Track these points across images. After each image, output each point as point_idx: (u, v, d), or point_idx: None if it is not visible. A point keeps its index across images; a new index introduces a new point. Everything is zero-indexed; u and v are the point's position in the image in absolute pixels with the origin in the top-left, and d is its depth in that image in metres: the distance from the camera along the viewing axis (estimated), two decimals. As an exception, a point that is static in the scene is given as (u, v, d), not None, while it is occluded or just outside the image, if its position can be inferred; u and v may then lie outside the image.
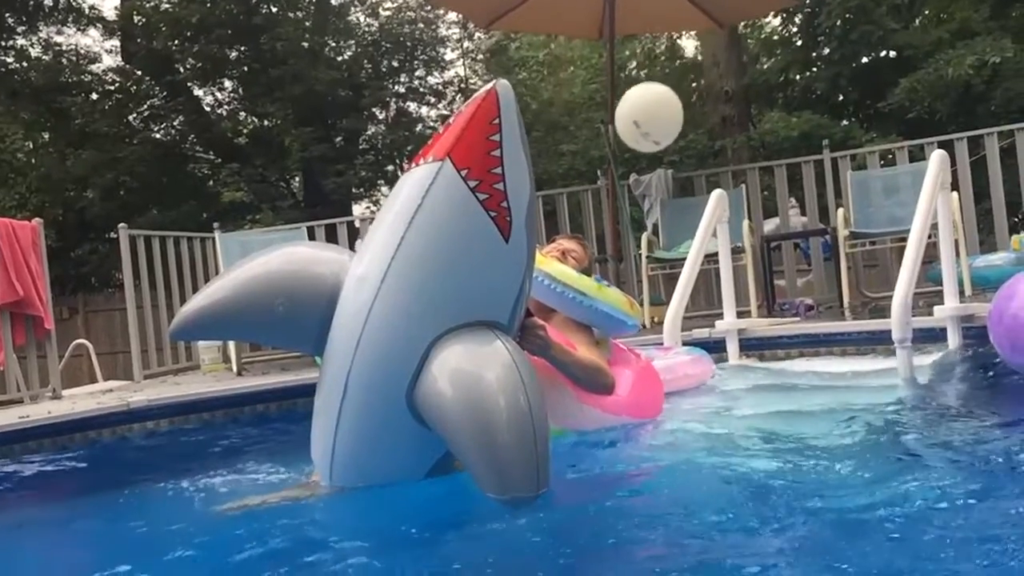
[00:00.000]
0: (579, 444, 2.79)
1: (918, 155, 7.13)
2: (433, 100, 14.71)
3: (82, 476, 3.51)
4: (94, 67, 14.15)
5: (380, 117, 14.43)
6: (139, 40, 13.58)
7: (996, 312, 3.47)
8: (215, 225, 7.31)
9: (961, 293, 4.78)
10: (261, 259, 2.46)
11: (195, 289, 7.12)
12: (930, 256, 4.85)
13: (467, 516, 2.27)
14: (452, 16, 13.86)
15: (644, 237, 6.98)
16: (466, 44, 14.80)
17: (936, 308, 4.12)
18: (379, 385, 2.22)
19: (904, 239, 5.95)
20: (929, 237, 4.34)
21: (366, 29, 14.26)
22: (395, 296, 2.19)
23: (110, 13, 14.29)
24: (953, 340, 4.06)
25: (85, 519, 2.84)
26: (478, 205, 2.16)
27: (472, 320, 2.20)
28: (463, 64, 14.90)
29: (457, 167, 2.15)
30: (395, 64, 14.21)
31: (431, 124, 14.80)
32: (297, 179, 14.31)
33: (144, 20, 13.50)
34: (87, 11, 14.10)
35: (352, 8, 14.57)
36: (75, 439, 4.33)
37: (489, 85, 2.20)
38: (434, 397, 2.13)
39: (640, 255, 6.91)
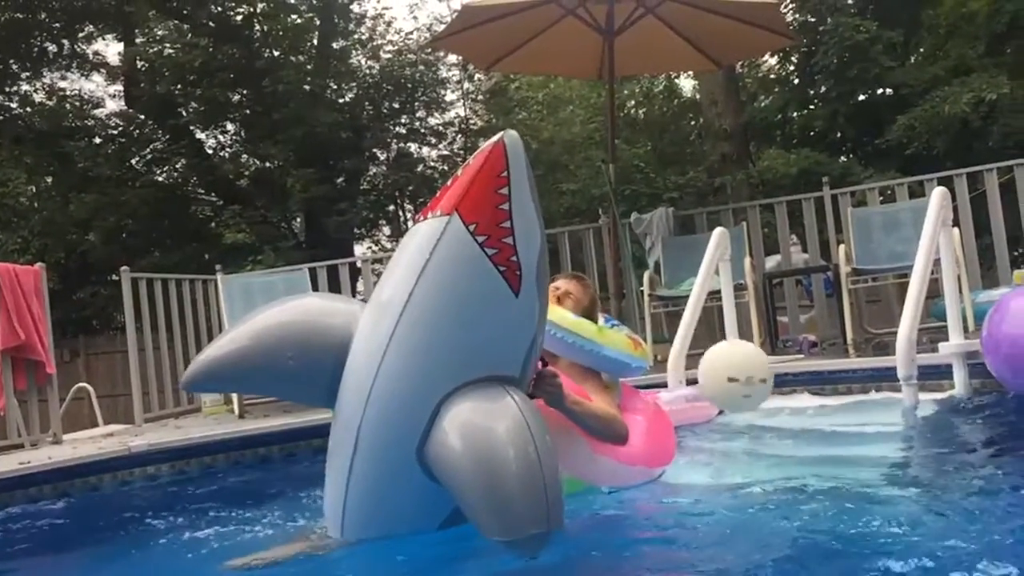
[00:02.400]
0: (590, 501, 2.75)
1: (917, 191, 7.16)
2: (434, 141, 14.81)
3: (83, 524, 3.48)
4: (97, 112, 14.28)
5: (381, 158, 14.51)
6: (142, 84, 13.70)
7: (990, 341, 3.47)
8: (217, 267, 7.32)
9: (965, 328, 4.77)
10: (273, 311, 2.47)
11: (197, 332, 7.13)
12: (932, 292, 4.85)
13: (478, 571, 2.23)
14: (452, 58, 13.99)
15: (646, 275, 7.00)
16: (466, 85, 14.91)
17: (941, 344, 4.11)
18: (390, 441, 2.21)
19: (906, 275, 5.98)
20: (931, 273, 4.35)
21: (367, 71, 14.39)
22: (404, 353, 2.18)
23: (113, 59, 14.46)
24: (959, 376, 4.04)
25: (86, 572, 2.80)
26: (487, 260, 2.14)
27: (483, 375, 2.18)
28: (463, 105, 15.02)
29: (465, 222, 2.13)
30: (396, 105, 14.32)
31: (431, 164, 14.89)
32: (299, 220, 14.36)
33: (147, 65, 13.63)
34: (91, 57, 14.26)
35: (353, 51, 14.71)
36: (76, 485, 4.30)
37: (497, 137, 2.18)
38: (443, 452, 2.12)
39: (642, 293, 6.91)
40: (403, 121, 14.50)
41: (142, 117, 13.98)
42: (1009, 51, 12.10)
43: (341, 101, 14.03)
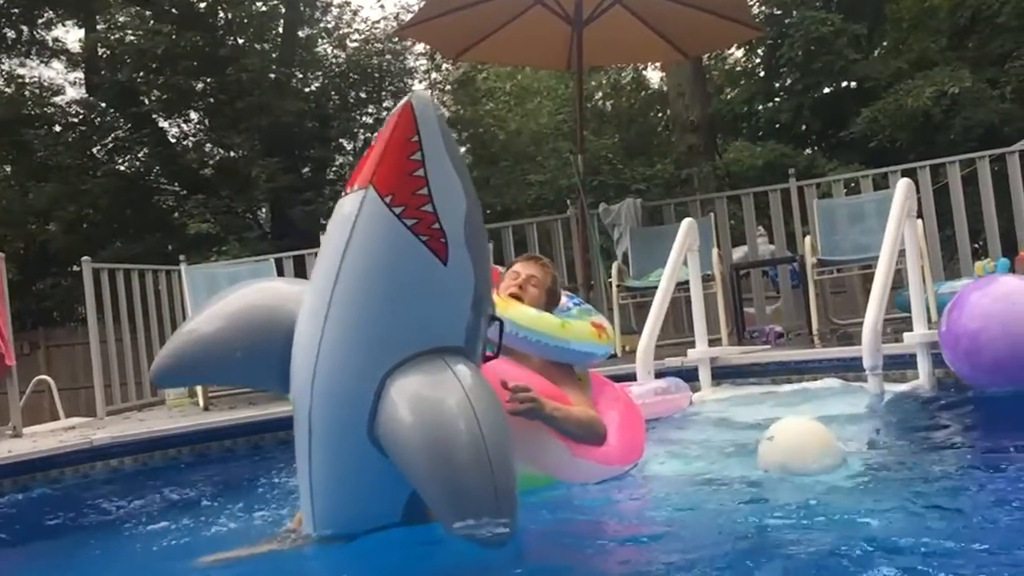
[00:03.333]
0: (563, 496, 2.74)
1: (881, 183, 7.23)
2: (401, 131, 14.71)
3: (44, 519, 3.41)
4: (57, 99, 14.01)
5: (348, 148, 14.40)
6: (103, 72, 13.48)
7: (949, 336, 3.49)
8: (181, 258, 7.22)
9: (928, 319, 4.83)
10: (224, 300, 2.46)
11: (160, 323, 7.03)
12: (896, 283, 4.90)
13: (447, 571, 2.21)
14: (420, 47, 13.91)
15: (614, 266, 7.00)
16: (434, 75, 14.84)
17: (906, 335, 4.15)
18: (339, 421, 2.18)
19: (870, 266, 6.05)
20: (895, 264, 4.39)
21: (333, 60, 14.27)
22: (340, 332, 2.14)
23: (74, 45, 14.20)
24: (923, 367, 4.09)
25: (47, 570, 2.75)
26: (407, 231, 2.07)
27: (425, 348, 2.13)
28: (431, 95, 14.94)
29: (381, 194, 2.06)
30: (363, 95, 14.21)
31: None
32: (264, 210, 14.22)
33: (108, 52, 13.40)
34: (51, 43, 14.00)
35: (319, 40, 14.58)
36: (36, 478, 4.23)
37: (403, 102, 2.08)
38: (388, 429, 2.08)
39: (610, 284, 6.92)
40: (370, 111, 14.40)
41: (103, 105, 13.75)
42: (970, 45, 12.28)
43: (307, 90, 13.91)
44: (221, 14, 13.44)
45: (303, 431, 2.23)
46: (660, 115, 16.75)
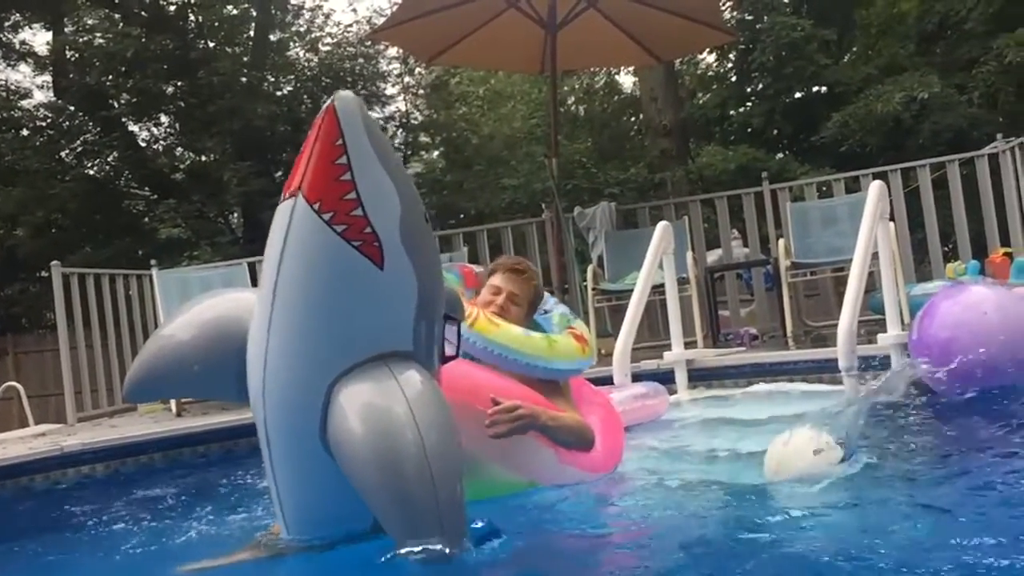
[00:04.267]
0: (544, 499, 2.72)
1: (852, 187, 7.30)
2: (374, 135, 14.67)
3: (12, 528, 3.35)
4: (24, 103, 13.82)
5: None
6: (71, 75, 13.31)
7: (920, 345, 3.50)
8: (152, 262, 7.14)
9: (901, 321, 4.87)
10: (184, 316, 2.45)
11: (132, 329, 6.95)
12: (868, 286, 4.94)
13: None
14: (392, 51, 13.88)
15: (589, 269, 7.02)
16: (407, 79, 14.82)
17: (879, 336, 4.19)
18: (293, 431, 2.15)
19: (843, 269, 6.10)
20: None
21: (305, 64, 14.20)
22: (283, 343, 2.10)
23: (41, 48, 14.01)
24: (896, 367, 4.11)
25: None
26: (337, 238, 2.00)
27: (370, 355, 2.08)
28: (404, 99, 14.92)
29: (309, 201, 2.00)
30: (335, 99, 14.14)
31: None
32: (236, 214, 14.10)
33: (77, 55, 13.25)
34: (17, 46, 13.80)
35: (291, 43, 14.50)
36: (6, 486, 4.15)
37: (327, 103, 2.01)
38: (333, 440, 2.05)
39: (586, 287, 6.93)
40: (343, 115, 14.33)
41: (72, 108, 13.57)
42: (938, 51, 12.43)
43: (279, 94, 13.82)
44: (191, 17, 13.34)
45: (263, 440, 2.22)
46: (633, 119, 16.80)
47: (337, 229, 2.00)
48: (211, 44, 13.34)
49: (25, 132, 13.49)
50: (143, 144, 14.05)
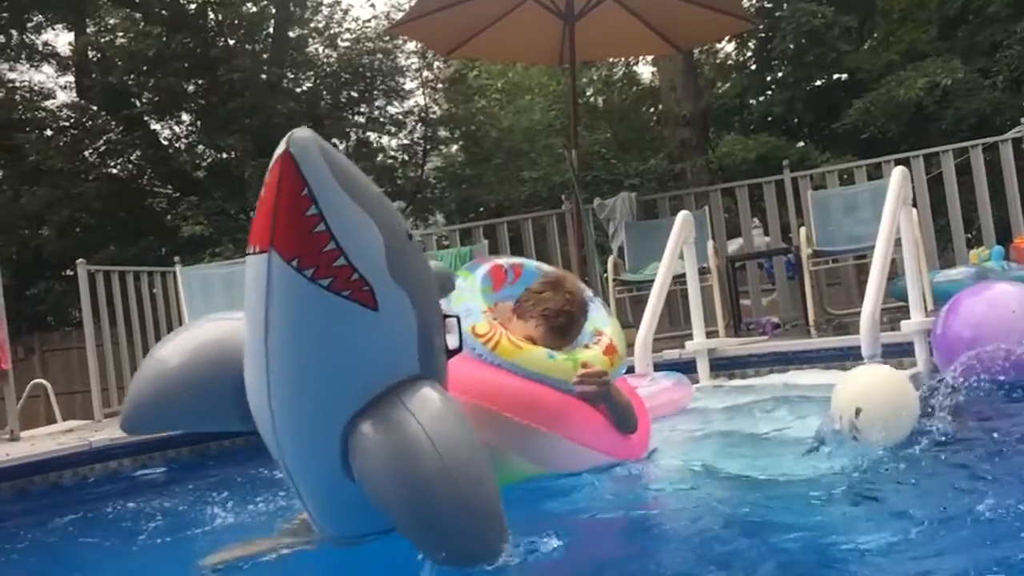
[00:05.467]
0: (562, 485, 2.73)
1: (874, 174, 7.25)
2: (393, 130, 14.72)
3: (45, 522, 3.39)
4: (48, 103, 13.96)
5: (340, 147, 14.38)
6: (94, 75, 13.42)
7: (943, 341, 3.45)
8: (176, 259, 7.20)
9: (924, 308, 4.84)
10: (169, 344, 2.39)
11: (156, 325, 7.02)
12: (890, 273, 4.91)
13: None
14: (411, 46, 13.89)
15: (610, 260, 7.01)
16: (425, 74, 14.82)
17: (903, 323, 4.15)
18: (314, 472, 2.14)
19: (864, 257, 6.06)
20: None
21: (325, 60, 14.24)
22: (287, 398, 2.04)
23: (64, 49, 14.15)
24: (920, 354, 4.09)
25: (50, 570, 2.74)
26: (324, 292, 1.88)
27: (380, 390, 2.01)
28: (423, 93, 14.94)
29: (286, 259, 1.85)
30: (354, 94, 14.20)
31: (392, 153, 14.79)
32: (257, 211, 14.18)
33: (99, 55, 13.36)
34: (41, 47, 13.94)
35: (310, 40, 14.55)
36: (35, 482, 4.21)
37: (281, 147, 1.83)
38: (360, 481, 2.02)
39: (606, 278, 6.93)
40: (362, 110, 14.40)
41: (94, 108, 13.70)
42: (960, 35, 12.30)
43: (298, 90, 13.88)
44: (211, 15, 13.42)
45: (283, 469, 2.20)
46: (652, 110, 16.76)
47: (323, 283, 1.88)
48: (231, 42, 13.42)
49: (49, 132, 13.63)
50: (165, 142, 14.16)
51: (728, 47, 15.23)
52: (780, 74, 13.17)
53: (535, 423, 2.70)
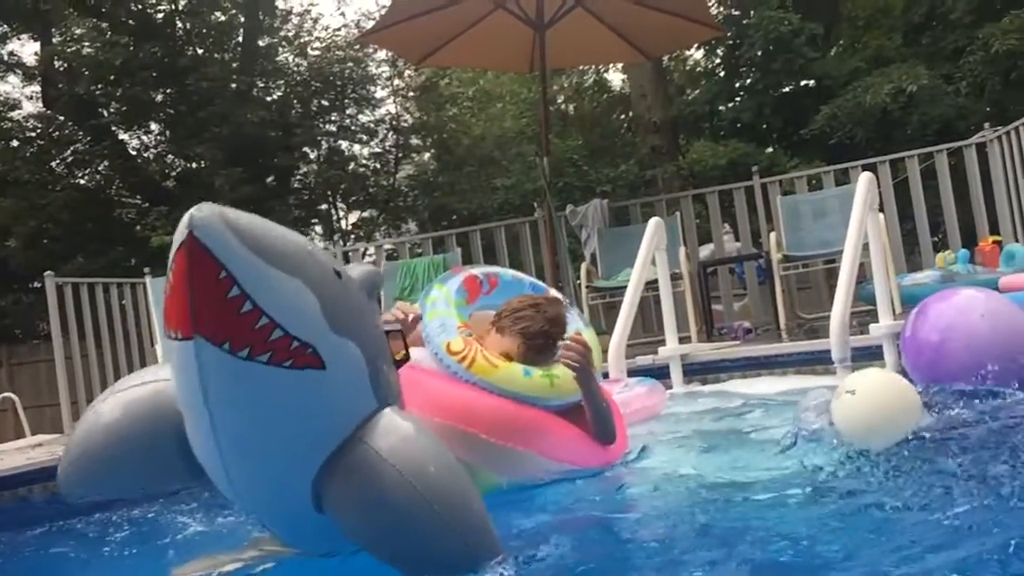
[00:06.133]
0: (539, 492, 2.73)
1: (842, 179, 7.34)
2: (365, 138, 14.70)
3: (14, 537, 3.35)
4: (14, 114, 13.80)
5: (312, 156, 14.34)
6: (60, 85, 13.30)
7: (913, 343, 3.50)
8: (146, 270, 7.14)
9: (893, 311, 4.90)
10: (99, 409, 2.23)
11: (126, 337, 6.95)
12: (859, 276, 4.97)
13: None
14: (381, 54, 13.90)
15: (583, 267, 7.04)
16: (396, 82, 14.83)
17: (872, 327, 4.20)
18: (281, 517, 2.10)
19: (834, 261, 6.13)
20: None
21: (295, 69, 14.21)
22: (245, 472, 1.95)
23: (30, 59, 14.00)
24: (889, 357, 4.14)
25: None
26: (265, 368, 1.76)
27: (342, 436, 1.92)
28: (394, 102, 14.94)
29: (216, 344, 1.72)
30: (325, 103, 14.18)
31: (363, 161, 14.77)
32: (228, 221, 14.08)
33: (66, 65, 13.23)
34: (6, 57, 13.79)
35: (280, 48, 14.51)
36: (4, 496, 4.16)
37: (183, 231, 1.68)
38: (339, 526, 1.97)
39: (579, 285, 6.95)
40: (333, 119, 14.37)
41: (61, 118, 13.57)
42: (925, 42, 12.48)
43: (269, 99, 13.85)
44: (179, 24, 13.35)
45: (245, 510, 2.16)
46: (623, 117, 16.85)
47: (262, 360, 1.75)
48: (200, 51, 13.36)
49: (15, 143, 13.47)
50: (133, 152, 14.06)
51: (697, 54, 15.37)
52: (748, 81, 13.29)
53: (510, 443, 2.69)
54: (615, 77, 17.00)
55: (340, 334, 1.87)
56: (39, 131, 13.66)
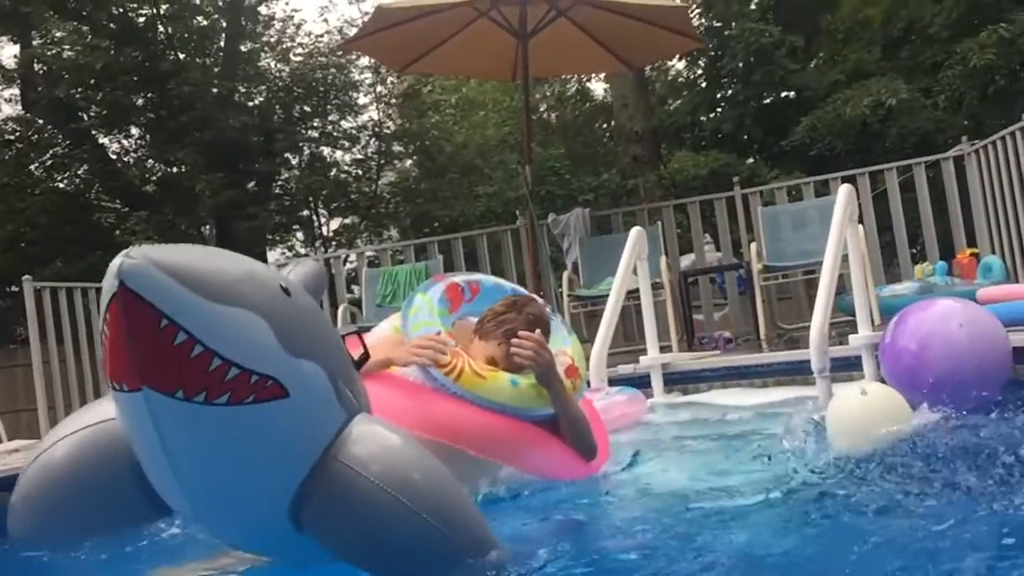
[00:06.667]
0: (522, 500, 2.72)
1: (821, 190, 7.41)
2: (347, 144, 14.66)
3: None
4: (-9, 117, 13.68)
5: (294, 162, 14.29)
6: (40, 88, 13.18)
7: (892, 350, 3.54)
8: (126, 275, 7.08)
9: (871, 322, 4.94)
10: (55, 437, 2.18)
11: (105, 342, 6.88)
12: (838, 288, 5.01)
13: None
14: (364, 61, 13.87)
15: (564, 276, 7.06)
16: (379, 89, 14.80)
17: (851, 337, 4.24)
18: (257, 543, 2.07)
19: (814, 271, 6.18)
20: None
21: (277, 74, 14.16)
22: (215, 510, 1.90)
23: (9, 61, 13.88)
24: (868, 368, 4.18)
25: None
26: (225, 409, 1.67)
27: (315, 457, 1.84)
28: (376, 108, 14.91)
29: (167, 393, 1.63)
30: (307, 109, 14.13)
31: (345, 168, 14.73)
32: (209, 226, 14.02)
33: (45, 68, 13.13)
34: (-16, 59, 13.69)
35: (262, 54, 14.46)
36: (-20, 503, 4.11)
37: (112, 281, 1.59)
38: (329, 552, 1.92)
39: (561, 293, 6.97)
40: (315, 124, 14.32)
41: (40, 122, 13.45)
42: (903, 55, 12.61)
43: (251, 104, 13.77)
44: (161, 29, 13.26)
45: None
46: (605, 126, 16.91)
47: (220, 402, 1.66)
48: (181, 55, 13.28)
49: (-7, 146, 13.35)
50: (113, 156, 13.94)
51: (679, 65, 15.44)
52: (730, 92, 13.37)
53: (495, 457, 2.69)
54: (597, 86, 17.07)
55: (299, 356, 1.77)
56: (18, 134, 13.52)
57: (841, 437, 2.82)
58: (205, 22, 13.82)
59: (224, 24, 14.02)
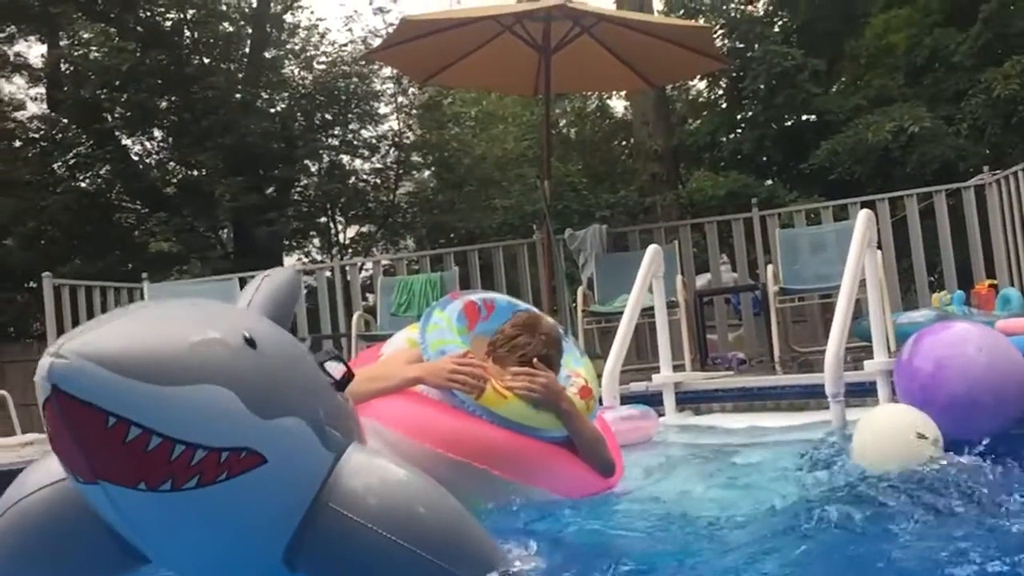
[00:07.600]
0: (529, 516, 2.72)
1: (840, 215, 7.39)
2: (367, 153, 14.73)
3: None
4: (18, 114, 13.81)
5: (313, 169, 14.37)
6: (66, 88, 13.32)
7: (907, 369, 3.52)
8: (143, 275, 7.15)
9: (888, 349, 4.92)
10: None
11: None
12: (855, 313, 4.99)
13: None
14: (387, 71, 13.95)
15: (579, 291, 7.06)
16: (400, 99, 14.88)
17: (866, 363, 4.22)
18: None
19: (830, 296, 6.17)
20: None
21: (300, 82, 14.27)
22: (204, 573, 1.80)
23: (36, 61, 14.03)
24: (883, 393, 4.16)
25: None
26: (198, 492, 1.52)
27: (304, 508, 1.73)
28: (397, 118, 14.99)
29: (129, 486, 1.48)
30: (329, 117, 14.22)
31: (364, 176, 14.81)
32: (227, 230, 14.11)
33: (72, 68, 13.27)
34: (12, 58, 13.81)
35: (286, 61, 14.57)
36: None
37: (44, 386, 1.42)
38: None
39: (575, 309, 6.97)
40: (336, 132, 14.41)
41: (65, 121, 13.58)
42: (927, 83, 12.58)
43: (273, 111, 13.88)
44: (187, 33, 13.40)
45: None
46: (624, 143, 16.93)
47: (190, 487, 1.51)
48: (206, 60, 13.40)
49: (18, 144, 13.48)
50: (135, 158, 14.06)
51: (700, 85, 15.46)
52: (750, 113, 13.37)
53: (516, 477, 2.66)
54: (617, 103, 17.10)
55: (273, 417, 1.60)
56: (42, 133, 13.67)
57: (867, 458, 2.80)
58: (231, 28, 13.96)
59: (249, 31, 14.16)
